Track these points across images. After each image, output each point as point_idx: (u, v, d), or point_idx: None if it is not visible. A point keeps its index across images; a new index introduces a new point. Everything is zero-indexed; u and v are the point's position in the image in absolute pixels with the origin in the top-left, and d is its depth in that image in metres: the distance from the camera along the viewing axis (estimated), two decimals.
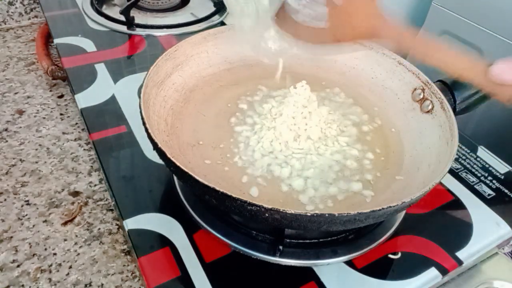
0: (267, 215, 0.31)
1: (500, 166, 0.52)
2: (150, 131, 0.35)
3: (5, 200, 0.45)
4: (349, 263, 0.39)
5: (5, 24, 0.76)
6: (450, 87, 0.45)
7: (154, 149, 0.36)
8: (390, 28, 0.38)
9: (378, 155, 0.44)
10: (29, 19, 0.79)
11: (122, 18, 0.70)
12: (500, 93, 0.34)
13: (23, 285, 0.38)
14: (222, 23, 0.76)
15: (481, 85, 0.35)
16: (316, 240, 0.40)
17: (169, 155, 0.33)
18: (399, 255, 0.40)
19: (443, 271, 0.39)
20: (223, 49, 0.52)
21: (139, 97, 0.39)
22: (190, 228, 0.41)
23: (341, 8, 0.37)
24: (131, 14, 0.70)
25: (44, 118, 0.56)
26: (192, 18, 0.75)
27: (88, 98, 0.55)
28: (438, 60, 0.38)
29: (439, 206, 0.46)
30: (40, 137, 0.53)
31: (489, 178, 0.50)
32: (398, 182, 0.41)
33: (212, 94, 0.49)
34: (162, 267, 0.37)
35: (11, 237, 0.41)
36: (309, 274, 0.38)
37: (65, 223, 0.43)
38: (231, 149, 0.42)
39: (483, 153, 0.53)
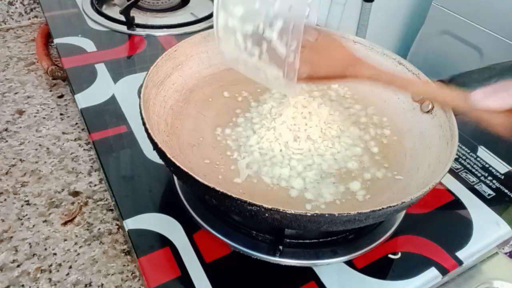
0: (267, 215, 0.31)
1: (500, 166, 0.52)
2: (150, 131, 0.35)
3: (5, 200, 0.45)
4: (349, 263, 0.39)
5: (5, 24, 0.76)
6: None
7: (154, 149, 0.36)
8: (366, 68, 0.38)
9: (378, 155, 0.44)
10: (29, 19, 0.79)
11: (122, 18, 0.70)
12: (488, 121, 0.34)
13: (23, 285, 0.38)
14: None
15: (466, 112, 0.36)
16: (316, 240, 0.40)
17: (169, 155, 0.33)
18: (399, 255, 0.40)
19: (443, 271, 0.39)
20: None
21: (139, 97, 0.39)
22: (190, 228, 0.41)
23: (316, 45, 0.38)
24: (131, 14, 0.70)
25: (44, 118, 0.56)
26: (192, 18, 0.75)
27: (88, 98, 0.55)
28: (419, 91, 0.42)
29: (439, 206, 0.46)
30: (40, 137, 0.53)
31: (489, 178, 0.50)
32: (398, 182, 0.41)
33: (212, 94, 0.49)
34: (162, 267, 0.37)
35: (11, 237, 0.41)
36: (309, 274, 0.38)
37: (65, 223, 0.43)
38: (231, 149, 0.42)
39: (483, 153, 0.53)
